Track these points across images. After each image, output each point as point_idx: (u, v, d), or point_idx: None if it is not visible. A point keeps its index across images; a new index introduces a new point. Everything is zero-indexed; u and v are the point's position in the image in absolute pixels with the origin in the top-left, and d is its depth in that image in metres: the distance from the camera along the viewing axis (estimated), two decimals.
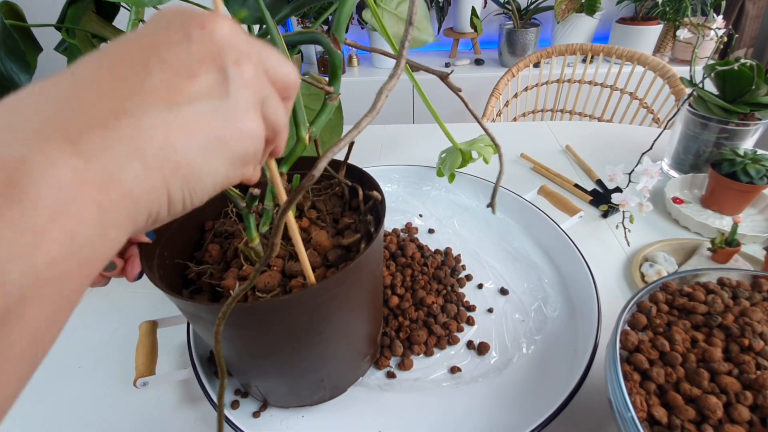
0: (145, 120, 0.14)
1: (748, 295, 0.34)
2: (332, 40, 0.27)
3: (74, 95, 0.13)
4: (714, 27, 0.78)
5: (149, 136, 0.14)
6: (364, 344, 0.39)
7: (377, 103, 0.17)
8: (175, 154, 0.15)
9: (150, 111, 0.14)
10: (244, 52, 0.16)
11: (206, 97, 0.15)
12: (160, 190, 0.15)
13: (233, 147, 0.16)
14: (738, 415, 0.26)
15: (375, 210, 0.36)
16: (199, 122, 0.15)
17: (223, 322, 0.21)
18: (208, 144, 0.15)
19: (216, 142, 0.16)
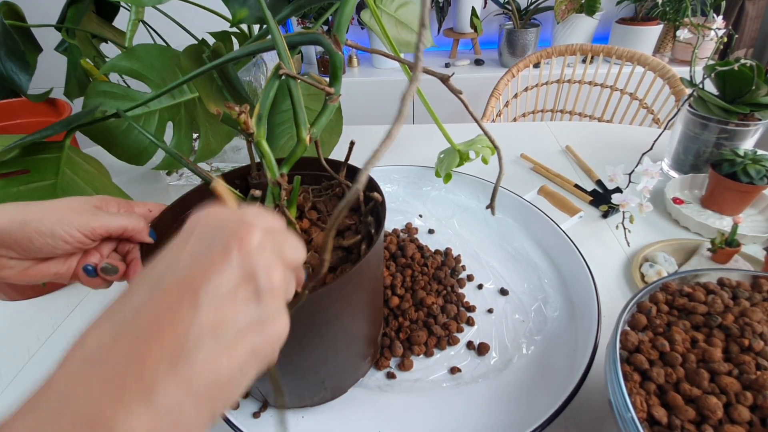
0: (198, 358, 0.16)
1: (748, 295, 0.34)
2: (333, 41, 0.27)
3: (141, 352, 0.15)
4: (714, 27, 0.78)
5: (202, 374, 0.16)
6: (364, 345, 0.39)
7: (403, 109, 0.18)
8: (220, 381, 0.16)
9: (202, 347, 0.16)
10: (272, 258, 0.19)
11: (244, 316, 0.17)
12: (207, 418, 0.16)
13: (265, 351, 0.18)
14: (738, 415, 0.26)
15: (375, 211, 0.36)
16: (239, 342, 0.17)
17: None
18: (247, 358, 0.17)
19: (253, 354, 0.18)
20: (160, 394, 0.15)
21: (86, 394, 0.14)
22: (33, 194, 0.45)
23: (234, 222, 0.19)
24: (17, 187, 0.45)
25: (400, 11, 0.53)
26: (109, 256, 0.31)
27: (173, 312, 0.16)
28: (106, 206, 0.30)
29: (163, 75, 0.55)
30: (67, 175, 0.48)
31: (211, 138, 0.61)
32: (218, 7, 0.58)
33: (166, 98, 0.58)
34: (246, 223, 0.19)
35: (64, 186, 0.47)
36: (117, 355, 0.15)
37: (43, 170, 0.47)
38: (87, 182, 0.49)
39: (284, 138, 0.60)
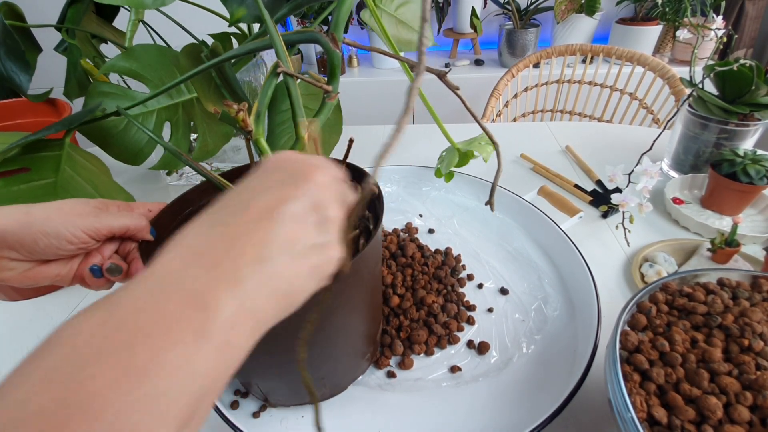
0: (276, 264, 0.19)
1: (747, 295, 0.34)
2: (331, 39, 0.27)
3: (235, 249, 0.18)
4: (713, 27, 0.78)
5: (278, 276, 0.19)
6: (363, 342, 0.39)
7: (409, 102, 0.19)
8: (291, 288, 0.20)
9: (280, 254, 0.19)
10: (335, 197, 0.22)
11: (311, 238, 0.21)
12: (274, 312, 0.20)
13: (324, 270, 0.22)
14: (738, 415, 0.26)
15: (373, 207, 0.36)
16: (306, 258, 0.20)
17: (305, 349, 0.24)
18: (309, 272, 0.21)
19: (315, 270, 0.21)
20: (248, 284, 0.18)
21: (193, 276, 0.17)
22: (33, 193, 0.45)
23: (305, 163, 0.23)
24: (18, 185, 0.45)
25: (400, 10, 0.53)
26: (111, 256, 0.31)
27: (255, 225, 0.19)
28: (106, 208, 0.31)
29: (161, 75, 0.55)
30: (67, 173, 0.48)
31: (208, 138, 0.61)
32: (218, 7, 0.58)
33: (164, 98, 0.58)
34: (315, 165, 0.22)
35: (64, 184, 0.47)
36: (217, 249, 0.18)
37: (43, 168, 0.47)
38: (87, 180, 0.49)
39: (284, 138, 0.60)
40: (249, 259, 0.18)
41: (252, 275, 0.18)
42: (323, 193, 0.22)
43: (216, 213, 0.20)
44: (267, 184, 0.22)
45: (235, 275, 0.18)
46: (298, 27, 1.82)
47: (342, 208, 0.23)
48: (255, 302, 0.18)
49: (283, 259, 0.19)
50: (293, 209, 0.20)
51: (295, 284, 0.20)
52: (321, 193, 0.22)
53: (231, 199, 0.21)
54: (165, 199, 0.35)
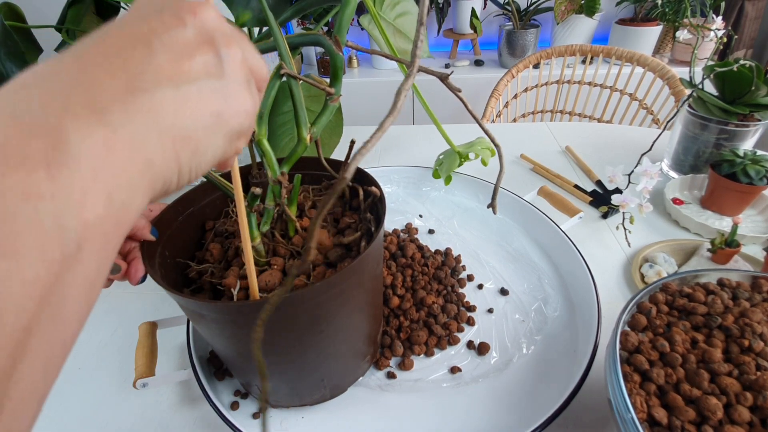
0: (157, 96, 0.15)
1: (748, 295, 0.34)
2: (334, 42, 0.27)
3: (88, 74, 0.14)
4: (713, 28, 0.78)
5: (163, 110, 0.15)
6: (364, 343, 0.39)
7: (397, 103, 0.18)
8: (184, 130, 0.16)
9: (160, 88, 0.15)
10: (231, 37, 0.18)
11: (205, 77, 0.16)
12: (173, 161, 0.16)
13: (231, 123, 0.18)
14: (738, 416, 0.26)
15: (375, 209, 0.36)
16: (202, 100, 0.16)
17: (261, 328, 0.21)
18: (210, 120, 0.17)
19: (217, 119, 0.17)
20: (116, 114, 0.14)
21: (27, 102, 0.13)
22: None
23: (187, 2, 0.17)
24: None
25: (399, 20, 0.53)
26: None
27: (125, 51, 0.15)
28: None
29: None
30: None
31: None
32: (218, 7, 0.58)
33: None
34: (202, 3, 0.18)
35: None
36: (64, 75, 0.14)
37: None
38: None
39: (285, 139, 0.60)
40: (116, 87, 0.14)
41: (121, 104, 0.14)
42: (214, 27, 0.17)
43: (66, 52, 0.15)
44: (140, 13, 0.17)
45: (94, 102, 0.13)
46: (298, 28, 1.82)
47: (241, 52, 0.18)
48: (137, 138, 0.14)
49: (169, 95, 0.15)
50: (175, 40, 0.16)
51: (193, 127, 0.16)
52: (210, 26, 0.17)
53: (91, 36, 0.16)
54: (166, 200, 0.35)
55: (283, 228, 0.36)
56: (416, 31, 0.19)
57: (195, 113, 0.16)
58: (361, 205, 0.37)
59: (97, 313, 0.52)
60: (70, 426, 0.41)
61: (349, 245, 0.35)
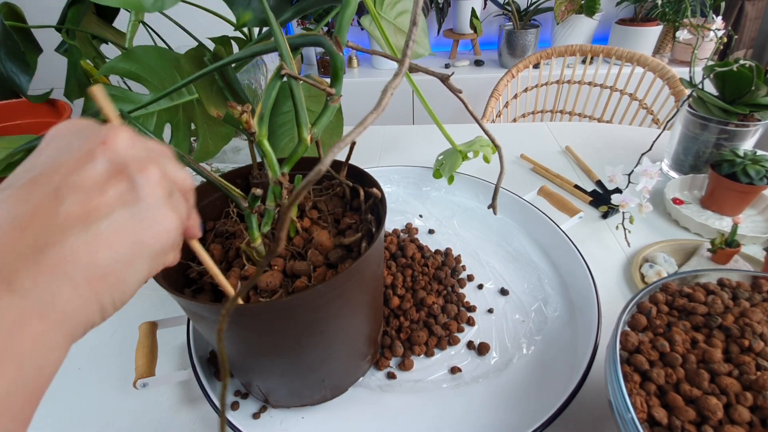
0: (66, 245, 0.15)
1: (748, 295, 0.34)
2: (334, 42, 0.27)
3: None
4: (713, 28, 0.78)
5: (74, 258, 0.15)
6: (364, 344, 0.39)
7: (382, 101, 0.17)
8: (100, 269, 0.16)
9: (70, 235, 0.15)
10: (146, 158, 0.18)
11: (120, 207, 0.17)
12: (92, 304, 0.16)
13: (152, 245, 0.18)
14: (738, 416, 0.26)
15: (376, 209, 0.36)
16: (117, 233, 0.16)
17: (226, 319, 0.21)
18: (129, 250, 0.17)
19: (136, 246, 0.17)
20: (23, 279, 0.14)
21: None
22: None
23: (97, 125, 0.18)
24: None
25: (399, 19, 0.53)
26: None
27: (31, 205, 0.15)
28: None
29: (161, 77, 0.55)
30: None
31: (209, 139, 0.61)
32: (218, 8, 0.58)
33: (164, 100, 0.58)
34: (113, 128, 0.17)
35: None
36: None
37: None
38: None
39: (285, 139, 0.60)
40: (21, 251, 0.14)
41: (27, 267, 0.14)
42: (125, 153, 0.17)
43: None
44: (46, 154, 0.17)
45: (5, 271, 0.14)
46: (298, 28, 1.82)
47: (158, 169, 0.18)
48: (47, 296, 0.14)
49: (81, 239, 0.15)
50: (84, 178, 0.16)
51: (110, 263, 0.16)
52: (122, 153, 0.17)
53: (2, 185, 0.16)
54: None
55: None
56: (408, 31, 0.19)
57: (111, 249, 0.16)
58: (362, 206, 0.37)
59: None
60: (70, 426, 0.41)
61: (349, 246, 0.35)
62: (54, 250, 0.15)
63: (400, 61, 0.19)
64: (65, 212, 0.15)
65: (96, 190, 0.16)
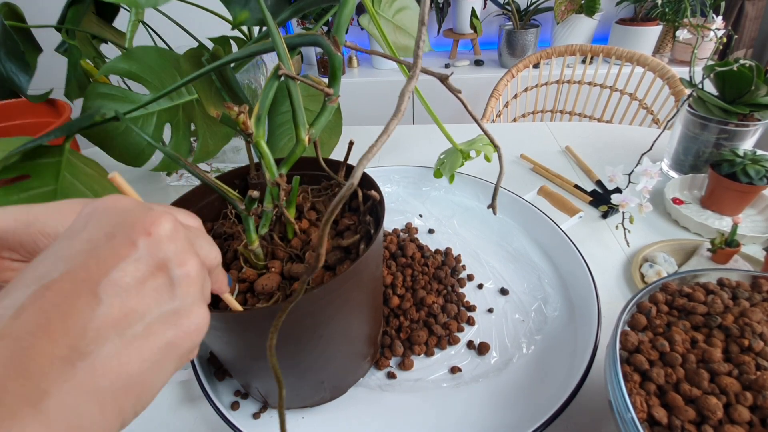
0: (100, 354, 0.14)
1: (747, 295, 0.34)
2: (332, 42, 0.27)
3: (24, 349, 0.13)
4: (713, 28, 0.78)
5: (105, 371, 0.14)
6: (364, 345, 0.39)
7: (401, 105, 0.17)
8: (129, 379, 0.15)
9: (104, 343, 0.14)
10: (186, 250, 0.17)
11: (156, 307, 0.16)
12: (115, 421, 0.15)
13: (184, 346, 0.17)
14: (738, 415, 0.26)
15: (374, 211, 0.36)
16: (151, 336, 0.15)
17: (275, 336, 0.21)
18: (160, 354, 0.16)
19: (167, 348, 0.16)
20: (53, 399, 0.13)
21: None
22: (33, 201, 0.45)
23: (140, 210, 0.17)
24: (18, 194, 0.45)
25: (398, 16, 0.53)
26: None
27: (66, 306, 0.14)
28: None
29: (161, 77, 0.55)
30: (67, 180, 0.48)
31: (209, 139, 0.61)
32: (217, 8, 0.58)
33: (164, 100, 0.58)
34: (155, 211, 0.17)
35: (65, 191, 0.47)
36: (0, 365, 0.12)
37: (43, 175, 0.47)
38: (87, 186, 0.49)
39: (284, 139, 0.60)
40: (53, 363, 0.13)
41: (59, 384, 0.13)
42: (167, 247, 0.16)
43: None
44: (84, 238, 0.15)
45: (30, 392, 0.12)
46: (297, 27, 1.82)
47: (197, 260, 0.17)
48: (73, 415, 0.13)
49: (114, 346, 0.14)
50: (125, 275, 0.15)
51: (138, 374, 0.15)
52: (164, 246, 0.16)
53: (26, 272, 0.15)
54: (165, 200, 0.35)
55: (281, 230, 0.36)
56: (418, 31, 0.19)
57: (142, 356, 0.15)
58: (361, 207, 0.37)
59: None
60: None
61: (348, 248, 0.35)
62: (87, 364, 0.14)
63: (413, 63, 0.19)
64: (103, 316, 0.14)
65: (136, 288, 0.15)
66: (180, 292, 0.17)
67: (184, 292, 0.17)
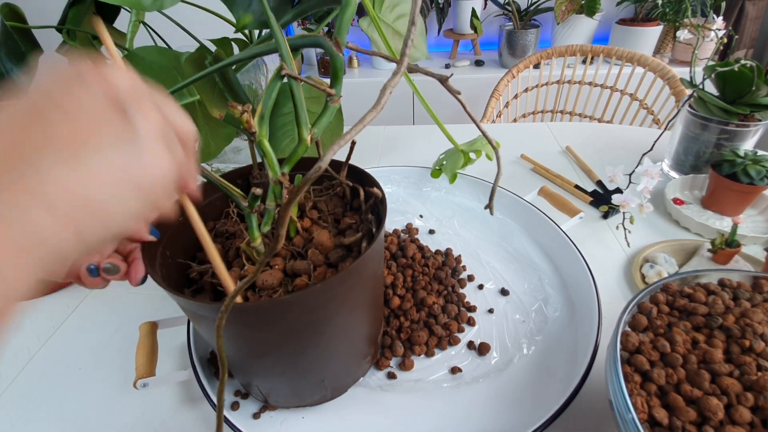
0: (53, 173, 0.14)
1: (748, 296, 0.34)
2: (334, 43, 0.27)
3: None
4: (714, 28, 0.78)
5: (57, 184, 0.14)
6: (364, 344, 0.39)
7: (381, 99, 0.17)
8: (87, 200, 0.15)
9: (56, 160, 0.14)
10: (144, 96, 0.18)
11: (114, 143, 0.16)
12: (69, 231, 0.15)
13: (143, 180, 0.17)
14: (739, 416, 0.26)
15: (376, 209, 0.36)
16: (110, 168, 0.16)
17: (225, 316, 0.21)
18: (119, 184, 0.16)
19: (127, 181, 0.16)
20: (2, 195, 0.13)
21: None
22: None
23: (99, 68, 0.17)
24: None
25: (398, 23, 0.54)
26: (111, 255, 0.31)
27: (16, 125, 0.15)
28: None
29: (162, 78, 0.55)
30: None
31: (210, 140, 0.61)
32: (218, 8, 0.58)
33: None
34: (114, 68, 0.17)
35: None
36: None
37: None
38: None
39: (286, 140, 0.60)
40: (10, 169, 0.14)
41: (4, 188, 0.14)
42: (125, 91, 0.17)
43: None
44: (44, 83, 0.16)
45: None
46: (299, 28, 1.82)
47: (158, 113, 0.18)
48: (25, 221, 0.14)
49: (64, 165, 0.15)
50: (76, 102, 0.15)
51: (93, 198, 0.15)
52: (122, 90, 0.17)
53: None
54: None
55: None
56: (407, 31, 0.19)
57: (101, 182, 0.15)
58: (362, 206, 0.37)
59: (96, 313, 0.52)
60: (71, 426, 0.41)
61: (350, 246, 0.35)
62: (35, 171, 0.14)
63: (399, 61, 0.19)
64: (52, 133, 0.15)
65: (88, 117, 0.15)
66: (138, 129, 0.17)
67: (143, 130, 0.17)
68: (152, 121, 0.17)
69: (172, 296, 0.27)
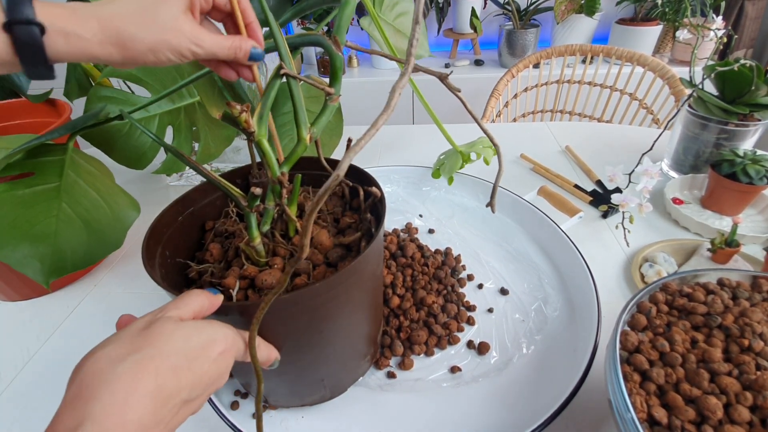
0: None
1: (747, 295, 0.34)
2: (333, 42, 0.27)
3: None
4: (713, 28, 0.78)
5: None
6: (364, 344, 0.39)
7: (391, 101, 0.17)
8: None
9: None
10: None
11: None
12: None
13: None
14: (738, 415, 0.26)
15: (375, 209, 0.36)
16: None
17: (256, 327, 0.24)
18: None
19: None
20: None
21: None
22: (37, 197, 0.45)
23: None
24: (22, 190, 0.45)
25: (398, 21, 0.54)
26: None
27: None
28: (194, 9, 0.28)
29: (162, 79, 0.55)
30: (70, 178, 0.48)
31: (210, 141, 0.62)
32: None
33: (165, 103, 0.58)
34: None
35: (68, 188, 0.48)
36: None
37: (47, 172, 0.47)
38: (90, 184, 0.50)
39: (286, 140, 0.60)
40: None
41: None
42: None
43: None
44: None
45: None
46: (298, 27, 1.82)
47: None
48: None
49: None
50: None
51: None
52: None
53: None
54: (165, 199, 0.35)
55: (283, 228, 0.36)
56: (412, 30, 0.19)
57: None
58: (362, 206, 0.37)
59: (96, 313, 0.52)
60: None
61: (349, 245, 0.35)
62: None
63: (405, 61, 0.19)
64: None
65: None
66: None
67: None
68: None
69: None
